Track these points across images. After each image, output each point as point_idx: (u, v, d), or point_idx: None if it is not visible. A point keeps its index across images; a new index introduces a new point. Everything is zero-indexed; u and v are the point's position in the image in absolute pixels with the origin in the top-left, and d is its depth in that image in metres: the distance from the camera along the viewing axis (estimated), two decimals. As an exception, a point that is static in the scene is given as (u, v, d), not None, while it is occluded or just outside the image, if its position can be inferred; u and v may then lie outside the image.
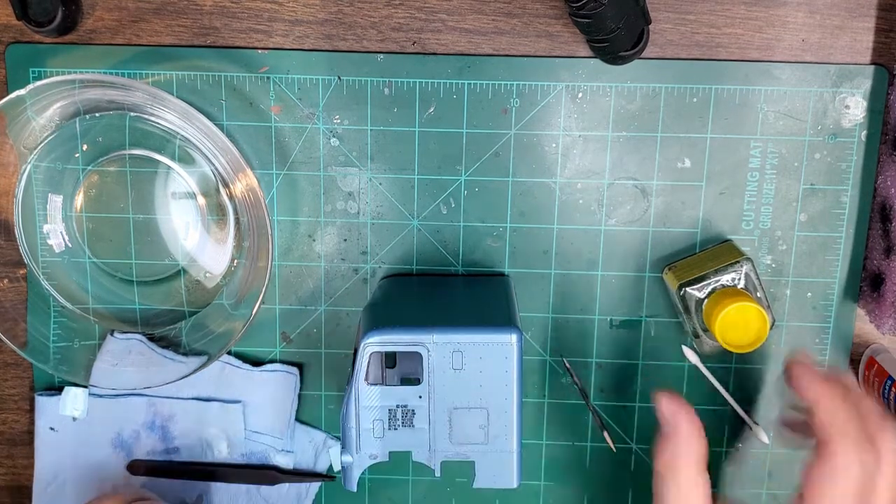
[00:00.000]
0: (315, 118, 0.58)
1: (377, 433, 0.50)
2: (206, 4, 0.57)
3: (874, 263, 0.58)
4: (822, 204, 0.59)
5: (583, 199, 0.59)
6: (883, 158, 0.57)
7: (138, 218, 0.59)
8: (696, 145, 0.58)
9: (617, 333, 0.61)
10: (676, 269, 0.58)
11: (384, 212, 0.59)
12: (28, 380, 0.63)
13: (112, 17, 0.57)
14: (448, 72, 0.57)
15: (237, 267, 0.59)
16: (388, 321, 0.49)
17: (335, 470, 0.63)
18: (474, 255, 0.60)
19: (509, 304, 0.53)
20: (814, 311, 0.60)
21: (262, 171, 0.59)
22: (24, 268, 0.59)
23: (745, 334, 0.53)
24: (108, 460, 0.62)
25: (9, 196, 0.57)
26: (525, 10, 0.57)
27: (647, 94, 0.57)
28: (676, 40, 0.57)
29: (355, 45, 0.57)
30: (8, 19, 0.57)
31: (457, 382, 0.49)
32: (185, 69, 0.57)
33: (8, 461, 0.64)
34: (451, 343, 0.48)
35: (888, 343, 0.60)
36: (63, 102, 0.54)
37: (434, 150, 0.58)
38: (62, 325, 0.60)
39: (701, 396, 0.62)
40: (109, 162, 0.58)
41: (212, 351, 0.57)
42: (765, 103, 0.57)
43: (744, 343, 0.53)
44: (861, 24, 0.56)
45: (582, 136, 0.58)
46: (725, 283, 0.55)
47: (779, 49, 0.57)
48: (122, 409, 0.61)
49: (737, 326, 0.52)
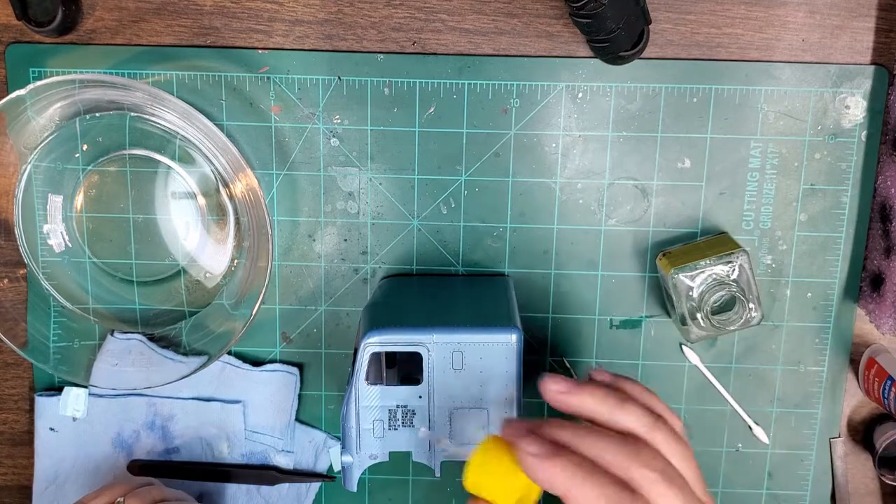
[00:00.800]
0: (315, 118, 0.58)
1: (377, 433, 0.50)
2: (206, 4, 0.57)
3: (874, 263, 0.58)
4: (822, 204, 0.59)
5: (583, 199, 0.59)
6: (883, 158, 0.57)
7: (138, 218, 0.59)
8: (696, 145, 0.58)
9: (617, 333, 0.61)
10: (671, 255, 0.58)
11: (384, 212, 0.59)
12: (28, 380, 0.63)
13: (112, 17, 0.57)
14: (448, 72, 0.57)
15: (237, 267, 0.59)
16: (388, 321, 0.49)
17: (335, 470, 0.63)
18: (474, 255, 0.60)
19: (509, 304, 0.53)
20: (814, 311, 0.60)
21: (262, 171, 0.59)
22: (24, 268, 0.59)
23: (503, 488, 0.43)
24: (108, 460, 0.62)
25: (9, 196, 0.57)
26: (525, 10, 0.56)
27: (647, 94, 0.57)
28: (676, 40, 0.57)
29: (355, 45, 0.57)
30: (8, 19, 0.57)
31: (457, 382, 0.49)
32: (185, 69, 0.57)
33: (8, 461, 0.64)
34: (451, 343, 0.48)
35: (888, 343, 0.60)
36: (63, 102, 0.54)
37: (434, 150, 0.58)
38: (62, 325, 0.60)
39: (701, 396, 0.62)
40: (109, 162, 0.58)
41: (212, 351, 0.57)
42: (765, 103, 0.57)
43: None
44: (861, 24, 0.56)
45: (582, 136, 0.58)
46: (718, 274, 0.55)
47: (779, 49, 0.57)
48: (122, 409, 0.61)
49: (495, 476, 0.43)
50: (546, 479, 0.40)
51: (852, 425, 0.62)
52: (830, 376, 0.61)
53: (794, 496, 0.63)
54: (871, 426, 0.62)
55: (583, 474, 0.40)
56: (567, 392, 0.44)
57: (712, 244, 0.57)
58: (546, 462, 0.40)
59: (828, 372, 0.61)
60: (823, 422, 0.62)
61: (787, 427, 0.62)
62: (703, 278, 0.55)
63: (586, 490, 0.39)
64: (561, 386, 0.44)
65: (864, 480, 0.63)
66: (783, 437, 0.62)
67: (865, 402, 0.62)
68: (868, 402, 0.62)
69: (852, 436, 0.62)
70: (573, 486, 0.40)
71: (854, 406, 0.62)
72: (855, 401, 0.62)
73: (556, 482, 0.40)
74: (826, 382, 0.61)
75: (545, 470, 0.40)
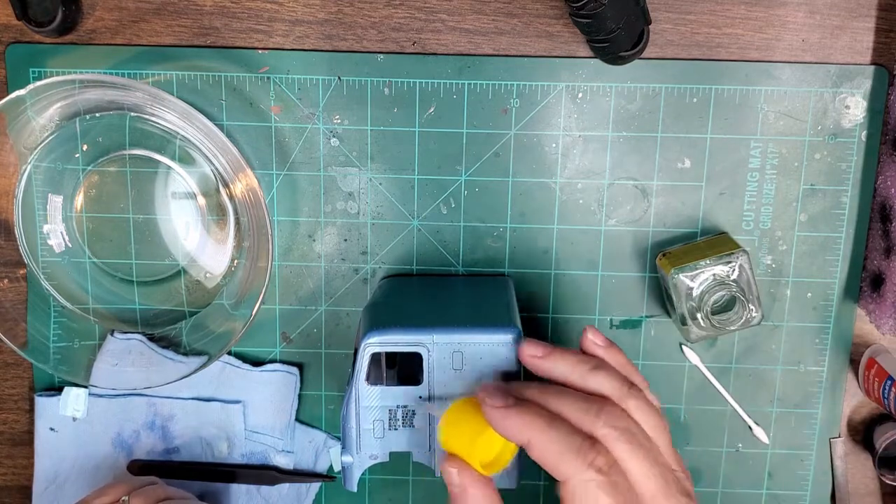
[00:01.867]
0: (315, 118, 0.58)
1: (377, 433, 0.50)
2: (206, 4, 0.57)
3: (874, 263, 0.58)
4: (822, 204, 0.59)
5: (583, 199, 0.59)
6: (883, 158, 0.57)
7: (138, 218, 0.59)
8: (696, 145, 0.58)
9: (617, 333, 0.61)
10: (671, 255, 0.58)
11: (384, 212, 0.59)
12: (28, 380, 0.63)
13: (112, 17, 0.57)
14: (448, 72, 0.57)
15: (237, 267, 0.59)
16: (388, 321, 0.49)
17: (335, 470, 0.63)
18: (474, 255, 0.60)
19: (509, 304, 0.53)
20: (814, 311, 0.60)
21: (262, 171, 0.59)
22: (24, 268, 0.59)
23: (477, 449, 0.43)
24: (108, 460, 0.62)
25: (9, 196, 0.57)
26: (525, 10, 0.56)
27: (647, 94, 0.57)
28: (676, 40, 0.57)
29: (355, 45, 0.57)
30: (8, 19, 0.57)
31: (457, 383, 0.49)
32: (185, 69, 0.57)
33: (8, 461, 0.64)
34: (451, 343, 0.48)
35: (888, 343, 0.60)
36: (63, 102, 0.54)
37: (434, 150, 0.58)
38: (62, 325, 0.60)
39: (701, 396, 0.62)
40: (109, 162, 0.58)
41: (212, 351, 0.57)
42: (765, 103, 0.57)
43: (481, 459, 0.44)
44: (861, 24, 0.56)
45: (582, 136, 0.58)
46: (718, 274, 0.55)
47: (779, 49, 0.57)
48: (122, 409, 0.61)
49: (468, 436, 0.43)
50: (507, 427, 0.41)
51: (852, 425, 0.62)
52: (830, 376, 0.61)
53: (794, 496, 0.63)
54: (871, 426, 0.62)
55: (543, 422, 0.40)
56: (542, 356, 0.45)
57: (712, 244, 0.57)
58: (507, 411, 0.41)
59: (828, 372, 0.61)
60: (823, 422, 0.62)
61: (787, 427, 0.62)
62: (703, 278, 0.55)
63: (545, 437, 0.40)
64: (537, 350, 0.45)
65: (864, 480, 0.63)
66: (783, 437, 0.62)
67: (865, 402, 0.62)
68: (868, 402, 0.62)
69: (852, 436, 0.62)
70: (533, 434, 0.40)
71: (854, 406, 0.62)
72: (855, 401, 0.62)
73: (516, 431, 0.41)
74: (826, 382, 0.61)
75: (506, 419, 0.41)
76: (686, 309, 0.56)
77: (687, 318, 0.56)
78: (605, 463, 0.39)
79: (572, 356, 0.45)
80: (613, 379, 0.43)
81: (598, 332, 0.47)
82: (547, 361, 0.45)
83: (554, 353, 0.45)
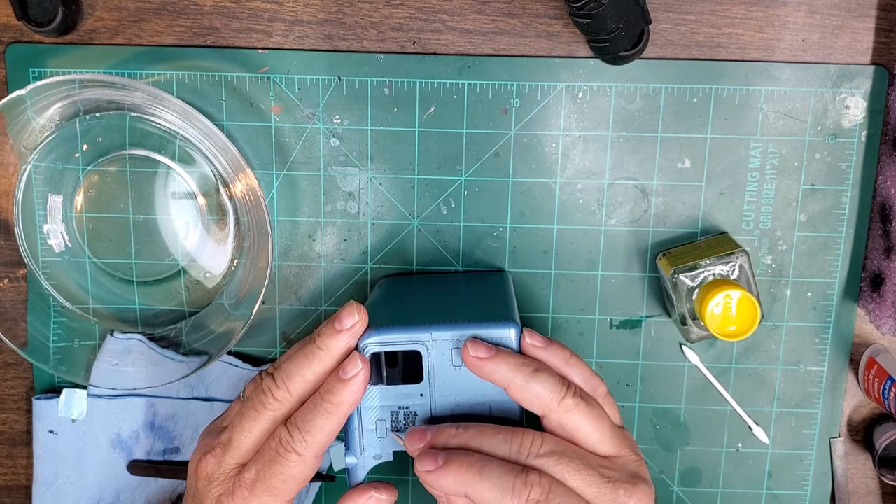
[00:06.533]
0: (315, 118, 0.58)
1: (380, 433, 0.50)
2: (206, 4, 0.57)
3: (874, 263, 0.58)
4: (822, 204, 0.59)
5: (583, 199, 0.59)
6: (883, 158, 0.57)
7: (138, 218, 0.59)
8: (696, 145, 0.58)
9: (617, 333, 0.61)
10: (671, 255, 0.58)
11: (384, 212, 0.59)
12: (28, 380, 0.63)
13: (112, 17, 0.57)
14: (448, 72, 0.57)
15: (237, 267, 0.59)
16: (388, 321, 0.49)
17: (335, 470, 0.63)
18: (474, 255, 0.60)
19: (507, 299, 0.53)
20: (814, 312, 0.60)
21: (262, 171, 0.59)
22: (24, 268, 0.59)
23: (735, 322, 0.53)
24: (107, 461, 0.62)
25: (9, 196, 0.57)
26: (525, 10, 0.57)
27: (647, 94, 0.57)
28: (676, 40, 0.57)
29: (355, 45, 0.57)
30: (8, 19, 0.57)
31: (457, 379, 0.49)
32: (185, 69, 0.57)
33: (8, 461, 0.64)
34: (450, 340, 0.48)
35: (888, 343, 0.60)
36: (63, 102, 0.54)
37: (434, 150, 0.58)
38: (62, 325, 0.60)
39: (701, 396, 0.62)
40: (109, 162, 0.58)
41: (212, 351, 0.57)
42: (765, 103, 0.57)
43: (733, 331, 0.53)
44: (861, 24, 0.56)
45: (582, 136, 0.58)
46: (718, 274, 0.55)
47: (779, 49, 0.57)
48: (122, 409, 0.61)
49: (727, 314, 0.52)
50: (443, 487, 0.43)
51: (852, 425, 0.62)
52: (830, 376, 0.61)
53: (794, 496, 0.63)
54: (871, 426, 0.62)
55: (474, 473, 0.43)
56: (484, 359, 0.46)
57: (712, 244, 0.57)
58: (439, 473, 0.43)
59: (828, 372, 0.61)
60: (823, 422, 0.62)
61: (787, 427, 0.62)
62: (703, 278, 0.55)
63: (479, 486, 0.42)
64: (479, 352, 0.46)
65: (864, 480, 0.63)
66: (783, 437, 0.62)
67: (865, 402, 0.62)
68: (868, 402, 0.62)
69: (852, 436, 0.62)
70: (467, 486, 0.43)
71: (854, 406, 0.62)
72: (855, 401, 0.62)
73: (453, 488, 0.43)
74: (826, 382, 0.61)
75: (439, 480, 0.43)
76: (686, 309, 0.56)
77: (687, 318, 0.56)
78: (540, 493, 0.42)
79: (514, 360, 0.46)
80: (552, 382, 0.45)
81: (536, 333, 0.48)
82: (489, 364, 0.46)
83: (497, 356, 0.46)
